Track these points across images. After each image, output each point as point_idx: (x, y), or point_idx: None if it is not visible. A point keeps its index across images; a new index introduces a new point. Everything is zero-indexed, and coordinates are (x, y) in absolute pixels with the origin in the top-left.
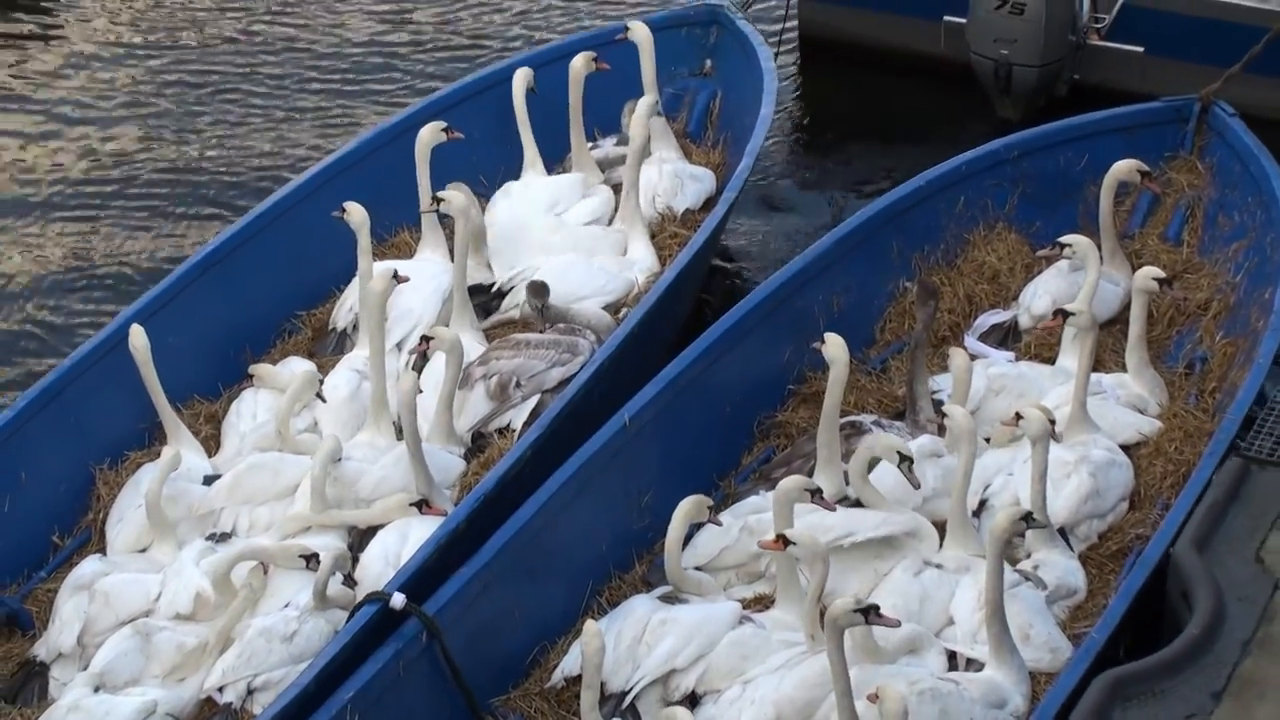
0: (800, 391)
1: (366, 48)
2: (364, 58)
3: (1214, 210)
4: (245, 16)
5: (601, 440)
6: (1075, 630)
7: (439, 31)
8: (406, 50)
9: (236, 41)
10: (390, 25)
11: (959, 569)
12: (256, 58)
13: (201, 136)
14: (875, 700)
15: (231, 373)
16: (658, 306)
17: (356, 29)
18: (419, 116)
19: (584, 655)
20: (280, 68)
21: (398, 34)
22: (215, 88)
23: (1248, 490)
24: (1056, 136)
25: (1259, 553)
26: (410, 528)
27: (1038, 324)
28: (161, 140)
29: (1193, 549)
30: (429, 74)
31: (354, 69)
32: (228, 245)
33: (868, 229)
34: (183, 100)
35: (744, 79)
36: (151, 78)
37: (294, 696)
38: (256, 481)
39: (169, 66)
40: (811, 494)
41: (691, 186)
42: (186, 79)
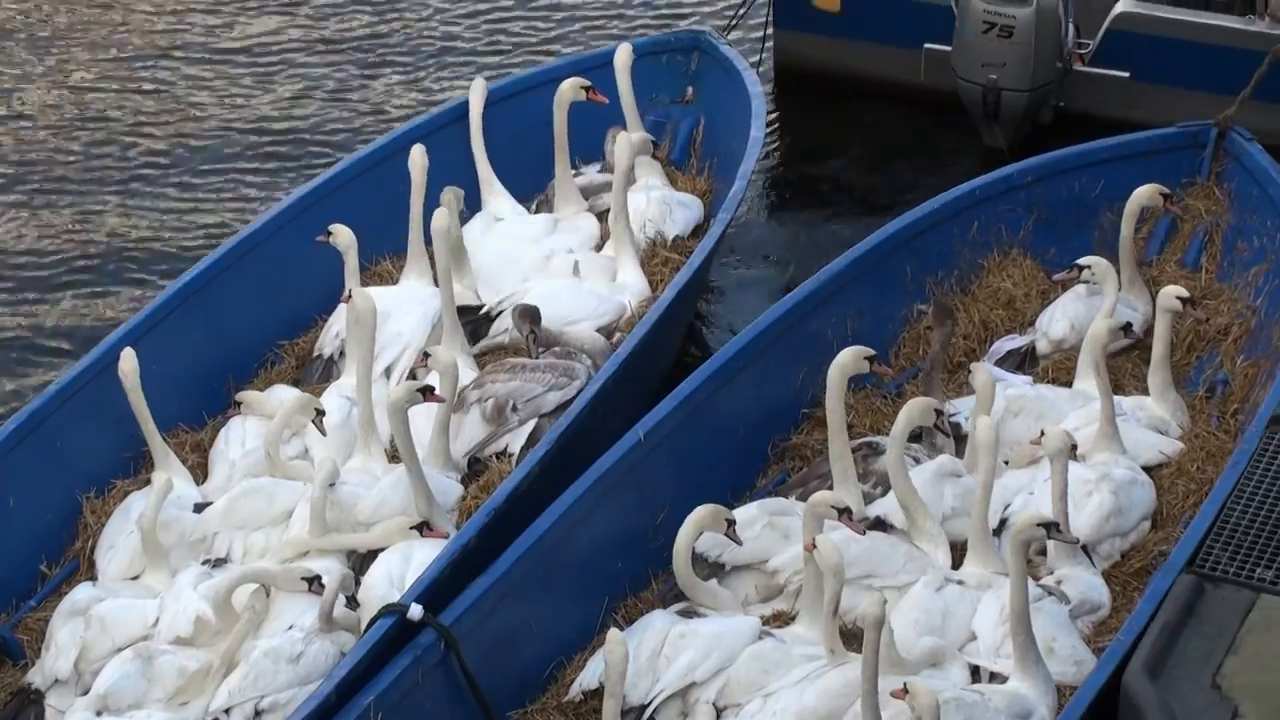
0: (815, 415)
1: (344, 72)
2: (343, 82)
3: (1232, 235)
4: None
5: (616, 455)
6: (1099, 645)
7: (420, 55)
8: (388, 73)
9: (216, 62)
10: (371, 48)
11: (980, 586)
12: (236, 81)
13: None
14: (902, 696)
15: (216, 402)
16: (659, 325)
17: (333, 53)
18: (396, 145)
19: (607, 664)
20: (257, 97)
21: (378, 55)
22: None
23: (1203, 609)
24: (1071, 162)
25: (1215, 678)
26: (413, 550)
27: (1056, 348)
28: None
29: (1145, 676)
30: (411, 100)
31: (331, 96)
32: (208, 273)
33: (880, 252)
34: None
35: (728, 105)
36: (136, 92)
37: (315, 706)
38: (251, 506)
39: (160, 81)
40: (839, 512)
41: (680, 213)
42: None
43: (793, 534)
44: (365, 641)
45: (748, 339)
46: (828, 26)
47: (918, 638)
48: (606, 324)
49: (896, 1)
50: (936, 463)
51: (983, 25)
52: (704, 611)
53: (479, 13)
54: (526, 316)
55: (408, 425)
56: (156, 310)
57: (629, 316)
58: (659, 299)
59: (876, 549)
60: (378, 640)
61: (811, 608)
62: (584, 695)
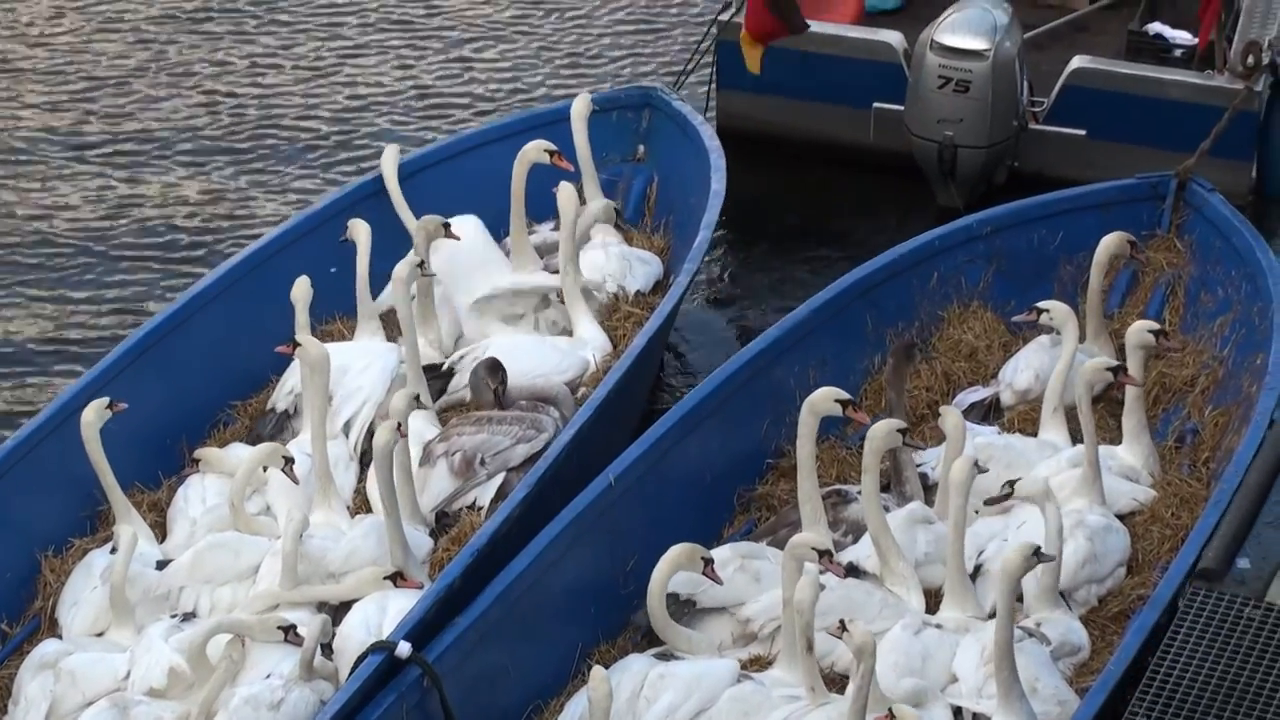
0: (779, 465)
1: (291, 132)
2: (290, 140)
3: (1195, 287)
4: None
5: (587, 499)
6: (1081, 686)
7: (375, 112)
8: (337, 132)
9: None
10: (326, 103)
11: (958, 629)
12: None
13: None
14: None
15: (170, 462)
16: (634, 369)
17: (283, 111)
18: (344, 202)
19: (591, 701)
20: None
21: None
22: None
23: None
24: (1030, 213)
25: None
26: (388, 599)
27: (1021, 399)
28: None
29: None
30: (355, 158)
31: (275, 154)
32: (158, 331)
33: (841, 301)
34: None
35: (683, 161)
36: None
37: None
38: (217, 561)
39: (111, 128)
40: (820, 554)
41: (640, 268)
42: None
43: (764, 577)
44: (356, 677)
45: (714, 385)
46: (773, 87)
47: (898, 680)
48: (570, 379)
49: (843, 60)
50: (908, 509)
51: (938, 80)
52: (680, 655)
53: (412, 67)
54: (490, 370)
55: (391, 468)
56: (107, 369)
57: (592, 372)
58: (633, 343)
59: (850, 596)
60: (368, 676)
61: (790, 652)
62: None
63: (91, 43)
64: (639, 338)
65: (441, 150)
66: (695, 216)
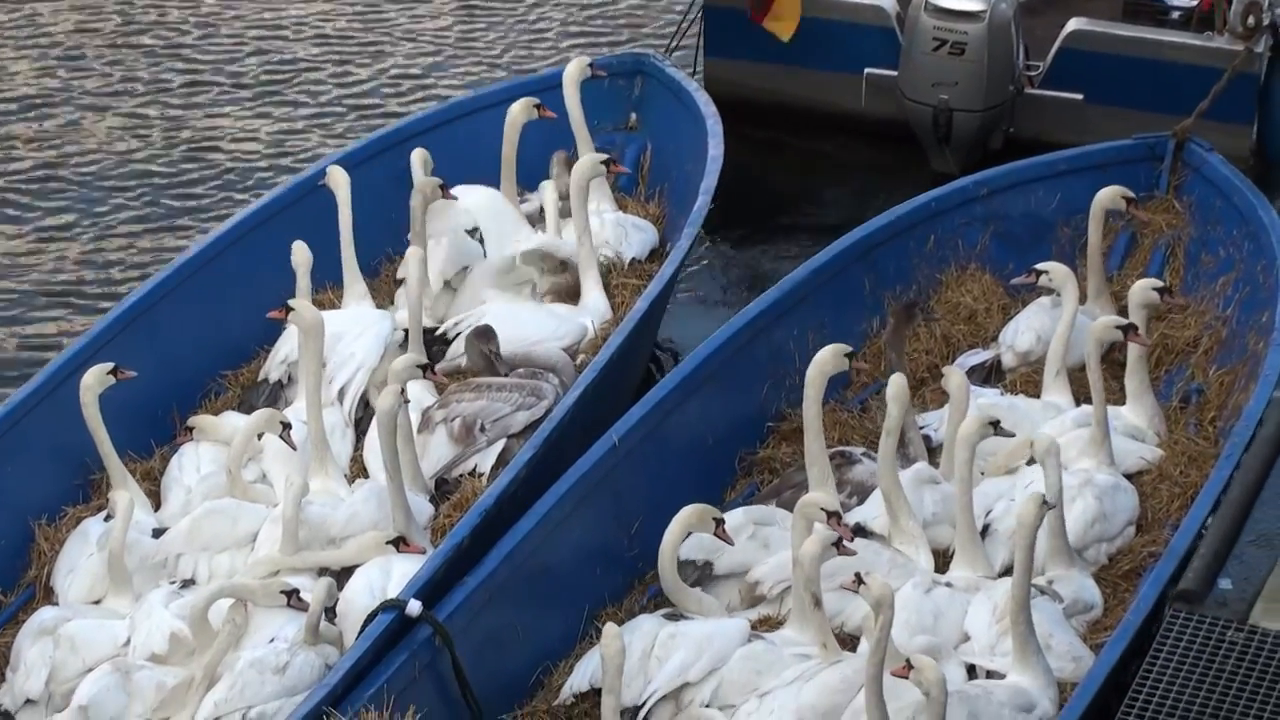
0: (780, 429)
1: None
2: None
3: (1195, 248)
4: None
5: (592, 460)
6: (1094, 643)
7: (358, 81)
8: (326, 102)
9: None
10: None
11: (969, 588)
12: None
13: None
14: (905, 673)
15: (163, 431)
16: (636, 332)
17: (274, 75)
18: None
19: (604, 658)
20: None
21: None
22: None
23: None
24: (1027, 174)
25: None
26: (392, 563)
27: (1023, 361)
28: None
29: None
30: (346, 129)
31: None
32: (147, 300)
33: (838, 264)
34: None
35: (678, 128)
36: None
37: (324, 696)
38: (215, 528)
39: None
40: (829, 515)
41: (636, 236)
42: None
43: (772, 543)
44: (368, 635)
45: (714, 346)
46: (762, 53)
47: (910, 638)
48: (568, 346)
49: (834, 24)
50: (914, 469)
51: (932, 43)
52: (690, 616)
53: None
54: (482, 337)
55: (395, 432)
56: (97, 338)
57: (591, 338)
58: (635, 307)
59: (861, 556)
60: (379, 634)
61: (801, 612)
62: (575, 699)
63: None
64: (642, 301)
65: (430, 118)
66: (691, 184)
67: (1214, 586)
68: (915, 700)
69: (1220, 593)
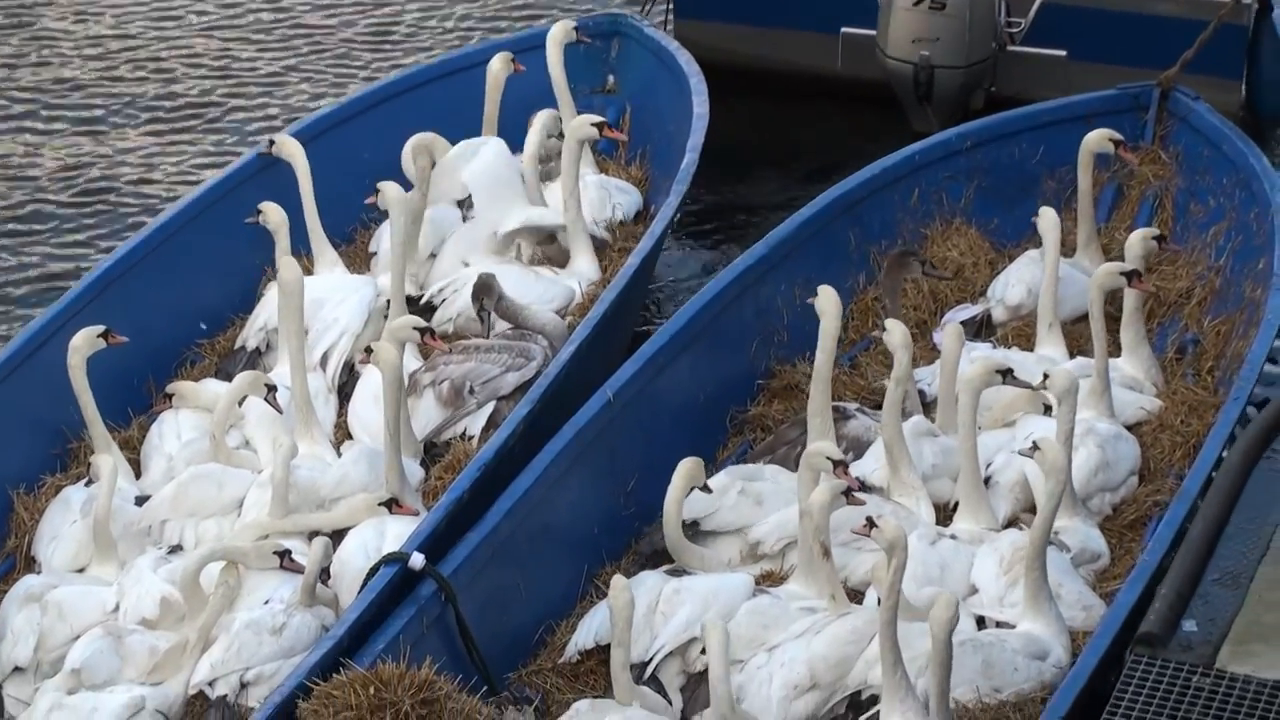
0: (770, 386)
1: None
2: (239, 79)
3: (1184, 199)
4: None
5: (588, 415)
6: (1103, 592)
7: (332, 42)
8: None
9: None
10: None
11: (973, 541)
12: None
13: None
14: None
15: (139, 400)
16: (629, 288)
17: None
18: (304, 135)
19: (613, 610)
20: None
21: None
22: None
23: None
24: (1010, 126)
25: None
26: (386, 525)
27: (1014, 315)
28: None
29: None
30: (317, 91)
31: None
32: (119, 267)
33: (823, 219)
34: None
35: (658, 89)
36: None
37: (330, 647)
38: (200, 493)
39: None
40: (835, 464)
41: (621, 199)
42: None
43: (766, 499)
44: (371, 588)
45: (704, 301)
46: (733, 14)
47: (917, 590)
48: (556, 309)
49: None
50: (912, 422)
51: None
52: (692, 571)
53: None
54: (486, 289)
55: (399, 386)
56: (70, 305)
57: (579, 302)
58: (628, 263)
59: (864, 511)
60: (383, 587)
61: (806, 565)
62: (580, 656)
63: None
64: (634, 257)
65: (407, 79)
66: (674, 144)
67: (1177, 629)
68: (929, 649)
69: (1184, 635)
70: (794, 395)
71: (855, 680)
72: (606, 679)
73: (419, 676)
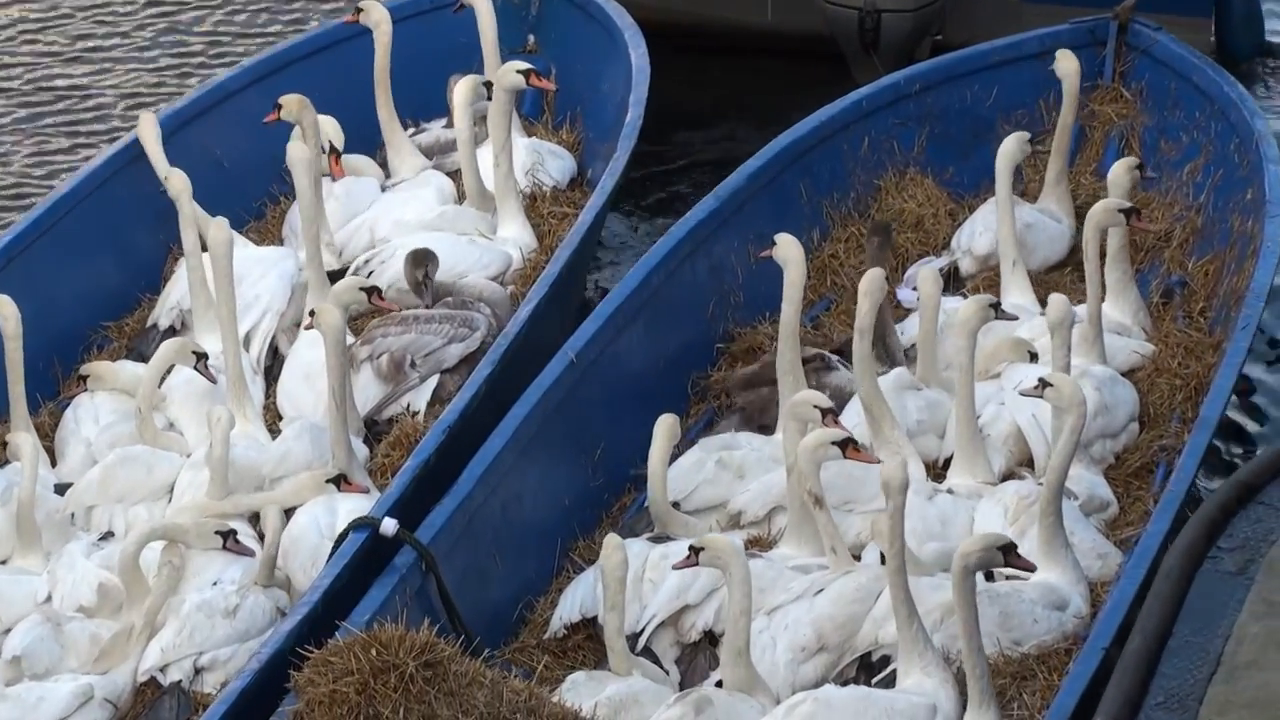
0: (730, 350)
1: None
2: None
3: (1152, 137)
4: None
5: (551, 377)
6: (1117, 539)
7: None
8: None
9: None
10: None
11: (970, 495)
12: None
13: None
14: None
15: (45, 386)
16: (582, 246)
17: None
18: (209, 100)
19: (605, 571)
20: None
21: None
22: None
23: None
24: (960, 68)
25: None
26: (336, 502)
27: (983, 265)
28: None
29: None
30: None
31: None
32: (15, 246)
33: (773, 169)
34: None
35: (587, 46)
36: None
37: (303, 615)
38: (129, 476)
39: None
40: (823, 413)
41: (554, 163)
42: None
43: (747, 469)
44: (340, 555)
45: (659, 257)
46: None
47: (919, 546)
48: (493, 276)
49: None
50: (895, 374)
51: None
52: (676, 537)
53: None
54: (421, 261)
55: (343, 354)
56: None
57: (518, 268)
58: (581, 219)
59: (850, 473)
60: (353, 555)
61: (798, 526)
62: (566, 631)
63: None
64: (585, 213)
65: (289, 51)
66: (609, 103)
67: None
68: (941, 602)
69: None
70: (755, 359)
71: (865, 641)
72: (596, 654)
73: (419, 639)
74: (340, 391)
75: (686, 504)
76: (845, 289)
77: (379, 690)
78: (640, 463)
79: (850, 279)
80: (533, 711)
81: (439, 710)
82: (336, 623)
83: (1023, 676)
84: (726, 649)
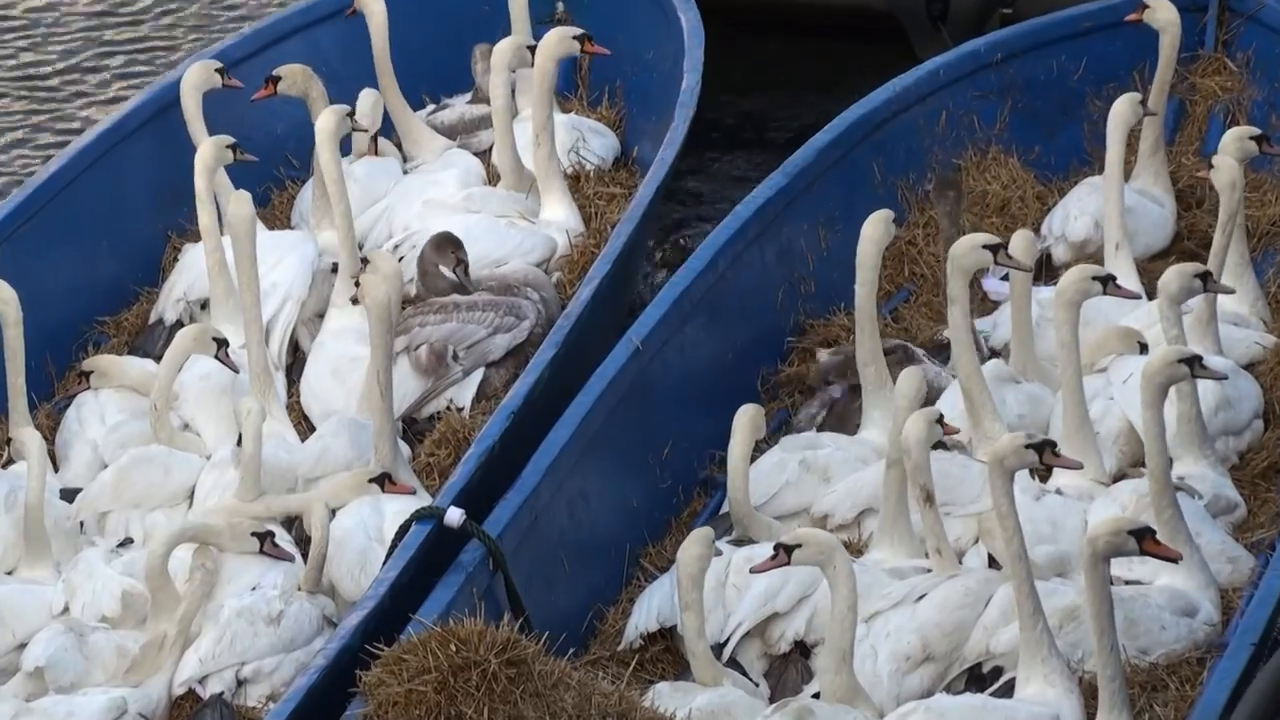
0: (801, 346)
1: None
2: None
3: (1262, 112)
4: None
5: (617, 364)
6: (1247, 542)
7: None
8: None
9: None
10: None
11: (1081, 495)
12: None
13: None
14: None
15: (39, 385)
16: (643, 223)
17: None
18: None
19: (680, 564)
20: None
21: None
22: None
23: None
24: (1047, 34)
25: None
26: (382, 502)
27: (1079, 253)
28: None
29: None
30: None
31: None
32: (5, 228)
33: (844, 144)
34: None
35: (625, 13)
36: None
37: (372, 608)
38: (145, 479)
39: None
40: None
41: (596, 140)
42: None
43: (834, 471)
44: (404, 548)
45: (727, 237)
46: None
47: (1030, 549)
48: (536, 261)
49: None
50: (989, 366)
51: None
52: (760, 541)
53: None
54: (446, 246)
55: (391, 333)
56: None
57: (564, 254)
58: (640, 194)
59: (947, 472)
60: (419, 546)
61: (891, 529)
62: (642, 643)
63: None
64: (645, 186)
65: (286, 21)
66: (657, 74)
67: None
68: (1064, 606)
69: None
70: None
71: (975, 650)
72: (676, 667)
73: (500, 635)
74: (386, 378)
75: (768, 509)
76: (925, 278)
77: (460, 689)
78: (710, 464)
79: (930, 267)
80: (623, 716)
81: (525, 712)
82: (409, 615)
83: (1152, 687)
84: (828, 654)
